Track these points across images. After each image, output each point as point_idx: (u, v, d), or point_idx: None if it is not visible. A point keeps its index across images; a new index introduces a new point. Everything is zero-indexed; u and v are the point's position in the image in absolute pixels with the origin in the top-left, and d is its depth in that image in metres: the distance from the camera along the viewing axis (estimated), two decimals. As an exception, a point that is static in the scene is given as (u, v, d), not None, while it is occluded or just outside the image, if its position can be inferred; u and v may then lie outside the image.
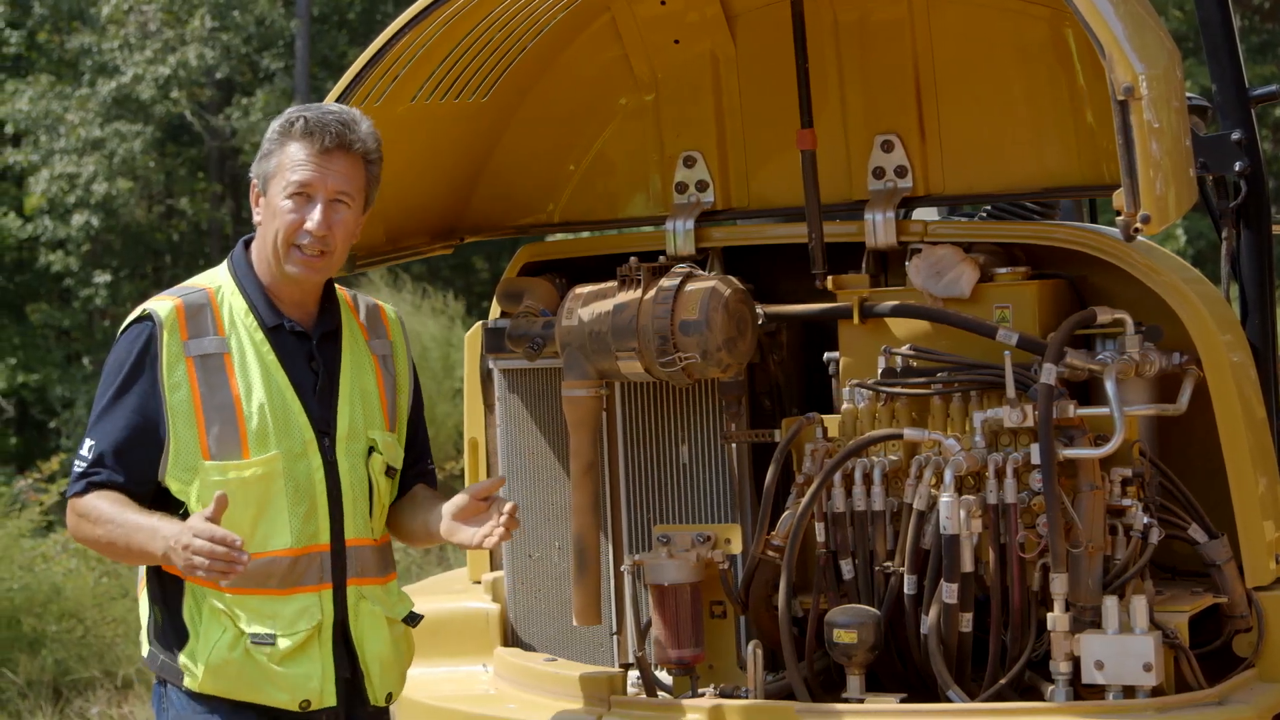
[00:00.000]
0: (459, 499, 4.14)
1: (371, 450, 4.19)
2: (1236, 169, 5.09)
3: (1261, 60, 19.12)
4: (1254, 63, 18.64)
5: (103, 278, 20.55)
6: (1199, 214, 5.53)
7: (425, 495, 4.34)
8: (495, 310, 5.14)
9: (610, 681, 4.58)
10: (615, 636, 4.87)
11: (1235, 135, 5.07)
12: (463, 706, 4.90)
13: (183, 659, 4.05)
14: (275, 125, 4.16)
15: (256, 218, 4.19)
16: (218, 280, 4.19)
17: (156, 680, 4.15)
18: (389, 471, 4.25)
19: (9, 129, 20.99)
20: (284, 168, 4.11)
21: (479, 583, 5.32)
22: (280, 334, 4.15)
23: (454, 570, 5.91)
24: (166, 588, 4.10)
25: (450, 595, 5.37)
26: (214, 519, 3.86)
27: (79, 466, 4.08)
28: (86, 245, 20.67)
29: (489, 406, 5.24)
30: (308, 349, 4.17)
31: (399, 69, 4.67)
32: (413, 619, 4.27)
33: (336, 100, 4.56)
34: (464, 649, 5.16)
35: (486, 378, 5.24)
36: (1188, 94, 4.65)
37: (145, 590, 4.17)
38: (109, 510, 4.01)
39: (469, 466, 5.42)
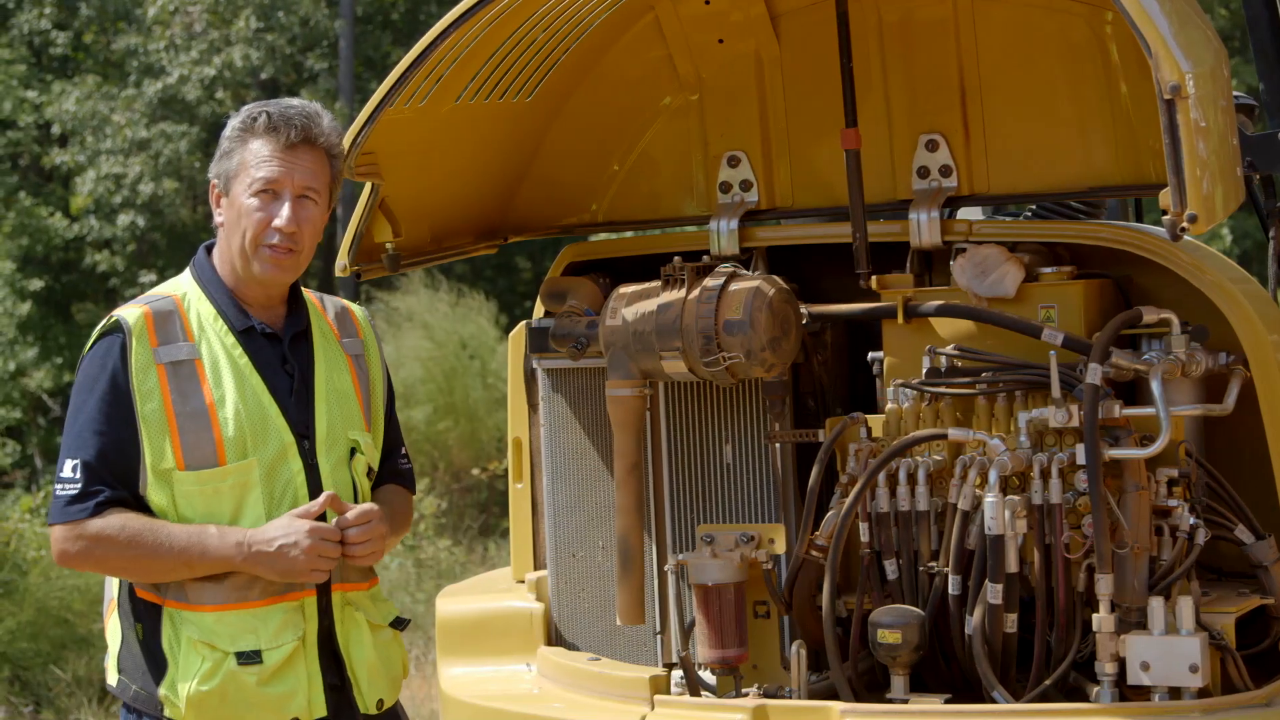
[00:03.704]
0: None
1: (354, 452, 4.13)
2: (1284, 168, 5.07)
3: (1309, 58, 18.99)
4: (1301, 61, 18.51)
5: (148, 277, 20.62)
6: (1245, 213, 5.51)
7: (383, 499, 4.25)
8: (539, 310, 5.15)
9: (654, 681, 4.59)
10: (659, 636, 4.88)
11: (1282, 134, 5.05)
12: (506, 705, 4.91)
13: (163, 690, 3.94)
14: (235, 123, 4.06)
15: (218, 219, 4.09)
16: (182, 288, 4.11)
17: (126, 709, 4.04)
18: (370, 473, 4.19)
19: (56, 129, 21.12)
20: (247, 165, 4.01)
21: (523, 582, 5.33)
22: (251, 337, 4.06)
23: (498, 570, 5.92)
24: (143, 614, 4.00)
25: (494, 594, 5.38)
26: (315, 515, 3.90)
27: (69, 489, 3.93)
28: (132, 245, 20.79)
29: (533, 406, 5.25)
30: (280, 351, 4.09)
31: (443, 69, 4.68)
32: (400, 623, 4.21)
33: (380, 101, 4.57)
34: (508, 648, 5.16)
35: (530, 377, 5.25)
36: (1234, 92, 4.63)
37: (116, 615, 4.06)
38: (141, 525, 3.91)
39: (513, 466, 5.43)
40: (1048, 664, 4.32)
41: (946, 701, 4.35)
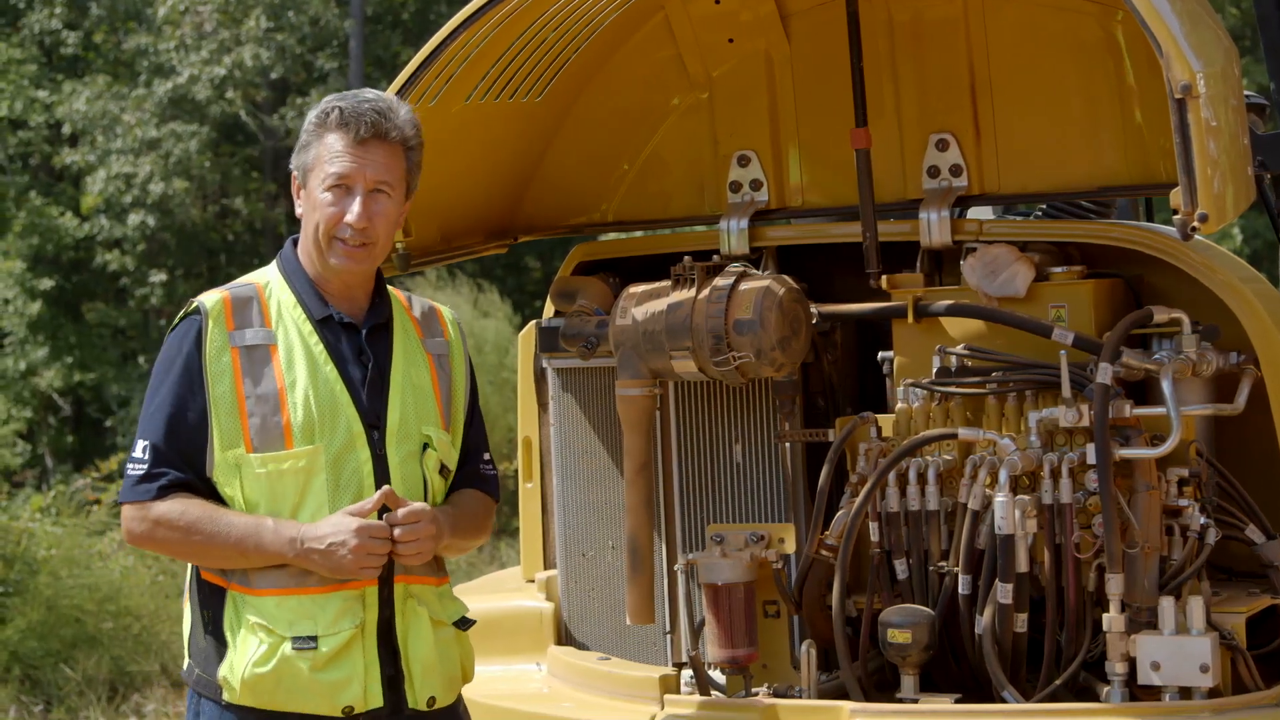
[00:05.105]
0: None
1: (426, 447, 4.13)
2: (1295, 167, 5.06)
3: (1319, 57, 18.95)
4: (1312, 60, 18.47)
5: (158, 277, 20.69)
6: (1256, 212, 5.51)
7: (457, 501, 4.24)
8: (549, 309, 5.15)
9: (664, 681, 4.59)
10: (669, 636, 4.88)
11: (1293, 133, 5.04)
12: (516, 705, 4.91)
13: (221, 672, 3.97)
14: (312, 116, 4.12)
15: (299, 210, 4.15)
16: (266, 277, 4.16)
17: (193, 693, 4.08)
18: (443, 471, 4.18)
19: (66, 129, 21.16)
20: (322, 159, 4.06)
21: (533, 581, 5.33)
22: (329, 325, 4.09)
23: (508, 569, 5.92)
24: (209, 597, 4.04)
25: (504, 594, 5.39)
26: (369, 512, 3.90)
27: (138, 469, 4.00)
28: (142, 245, 20.82)
29: (543, 405, 5.25)
30: (357, 341, 4.12)
31: (453, 69, 4.69)
32: (464, 623, 4.19)
33: (390, 101, 4.58)
34: (517, 647, 5.16)
35: (540, 377, 5.25)
36: (1245, 92, 4.62)
37: (189, 601, 4.10)
38: (201, 512, 3.96)
39: (523, 465, 5.43)
40: (1058, 664, 4.32)
41: (956, 701, 4.35)
